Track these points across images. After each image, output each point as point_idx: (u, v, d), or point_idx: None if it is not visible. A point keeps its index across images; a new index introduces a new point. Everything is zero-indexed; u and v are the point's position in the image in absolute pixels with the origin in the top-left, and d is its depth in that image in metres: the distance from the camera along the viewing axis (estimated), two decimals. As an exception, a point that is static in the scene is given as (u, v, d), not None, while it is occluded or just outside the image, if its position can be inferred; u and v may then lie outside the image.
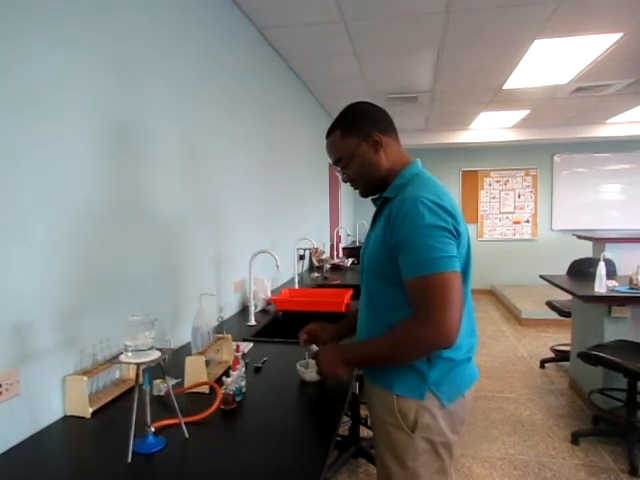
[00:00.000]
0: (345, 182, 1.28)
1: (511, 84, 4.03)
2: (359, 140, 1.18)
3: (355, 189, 1.28)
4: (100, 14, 1.34)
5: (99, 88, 1.35)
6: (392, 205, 1.10)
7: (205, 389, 1.34)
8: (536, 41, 2.99)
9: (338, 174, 1.28)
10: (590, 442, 2.70)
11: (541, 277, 3.60)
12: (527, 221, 7.33)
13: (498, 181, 7.35)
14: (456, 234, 1.05)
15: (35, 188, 1.11)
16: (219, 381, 1.35)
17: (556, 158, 7.12)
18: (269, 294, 2.60)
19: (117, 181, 1.44)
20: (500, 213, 7.40)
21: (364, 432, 2.57)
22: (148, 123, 1.62)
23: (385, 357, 1.11)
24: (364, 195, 1.27)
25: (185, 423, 1.08)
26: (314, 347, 1.39)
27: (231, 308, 2.40)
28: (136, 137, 1.55)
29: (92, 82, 1.32)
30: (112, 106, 1.42)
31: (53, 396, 1.19)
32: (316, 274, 3.70)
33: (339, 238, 5.60)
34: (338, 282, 3.37)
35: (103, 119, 1.37)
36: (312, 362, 1.43)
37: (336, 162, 1.25)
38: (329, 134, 1.24)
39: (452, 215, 1.05)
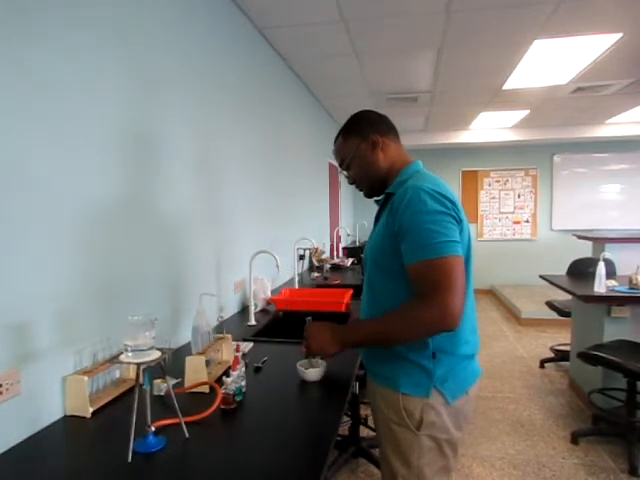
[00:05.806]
0: (351, 184, 1.36)
1: (511, 84, 4.03)
2: (359, 141, 1.26)
3: (360, 190, 1.35)
4: (105, 14, 1.35)
5: (109, 92, 1.35)
6: (394, 197, 1.14)
7: (205, 389, 1.34)
8: (536, 41, 2.99)
9: (346, 178, 1.36)
10: (590, 442, 2.70)
11: (541, 277, 3.60)
12: (527, 221, 7.33)
13: (498, 181, 7.35)
14: (458, 220, 1.08)
15: (37, 189, 1.11)
16: (219, 381, 1.35)
17: (556, 158, 7.12)
18: (269, 294, 2.60)
19: (118, 182, 1.44)
20: (500, 213, 7.40)
21: (364, 432, 2.57)
22: (151, 126, 1.62)
23: (385, 336, 1.10)
24: (368, 195, 1.34)
25: (185, 423, 1.09)
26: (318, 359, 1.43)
27: (231, 308, 2.40)
28: (142, 139, 1.55)
29: (103, 86, 1.32)
30: (119, 111, 1.42)
31: (53, 396, 1.19)
32: (316, 274, 3.70)
33: (339, 238, 5.60)
34: (338, 282, 3.37)
35: (111, 124, 1.37)
36: (313, 361, 1.44)
37: (341, 164, 1.33)
38: (335, 140, 1.34)
39: (453, 202, 1.09)
